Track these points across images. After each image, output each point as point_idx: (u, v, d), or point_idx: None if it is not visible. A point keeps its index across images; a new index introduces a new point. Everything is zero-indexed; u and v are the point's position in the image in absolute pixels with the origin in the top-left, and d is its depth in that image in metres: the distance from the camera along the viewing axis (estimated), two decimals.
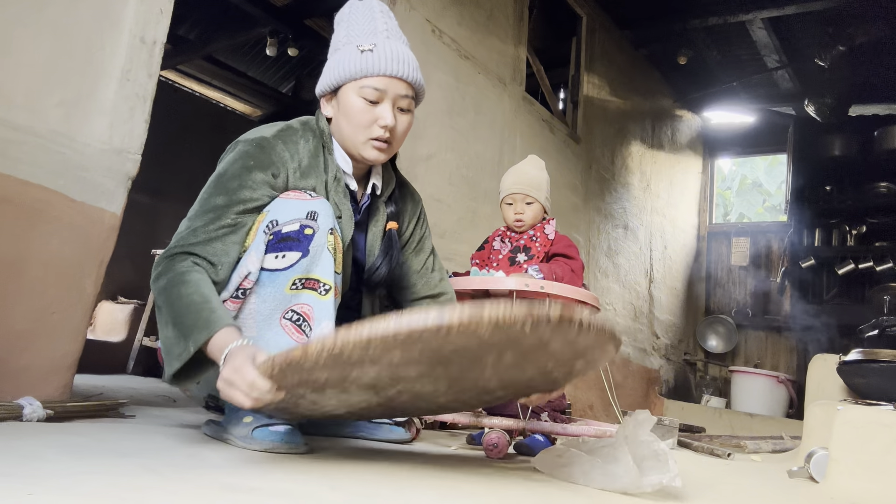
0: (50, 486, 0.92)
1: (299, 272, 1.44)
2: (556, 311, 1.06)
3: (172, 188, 4.89)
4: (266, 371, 1.16)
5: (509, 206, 2.39)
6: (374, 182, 1.69)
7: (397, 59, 1.52)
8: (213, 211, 1.44)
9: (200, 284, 1.36)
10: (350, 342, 1.04)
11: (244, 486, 1.08)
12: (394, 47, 1.53)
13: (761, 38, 5.25)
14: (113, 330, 3.84)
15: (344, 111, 1.55)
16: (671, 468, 1.33)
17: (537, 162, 2.47)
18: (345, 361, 1.11)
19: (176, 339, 1.32)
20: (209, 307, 1.32)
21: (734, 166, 12.91)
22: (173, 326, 1.33)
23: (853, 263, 5.97)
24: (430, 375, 1.24)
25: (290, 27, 5.34)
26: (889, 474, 1.81)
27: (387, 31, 1.55)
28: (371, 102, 1.52)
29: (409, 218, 1.80)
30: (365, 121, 1.53)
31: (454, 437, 2.40)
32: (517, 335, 1.10)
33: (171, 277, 1.37)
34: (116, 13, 1.84)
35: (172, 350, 1.33)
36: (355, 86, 1.52)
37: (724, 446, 2.89)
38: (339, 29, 1.60)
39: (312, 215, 1.45)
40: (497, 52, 3.80)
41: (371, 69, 1.50)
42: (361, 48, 1.51)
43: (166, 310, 1.36)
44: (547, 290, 2.02)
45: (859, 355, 2.55)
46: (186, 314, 1.31)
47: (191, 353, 1.30)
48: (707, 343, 6.63)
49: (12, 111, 1.62)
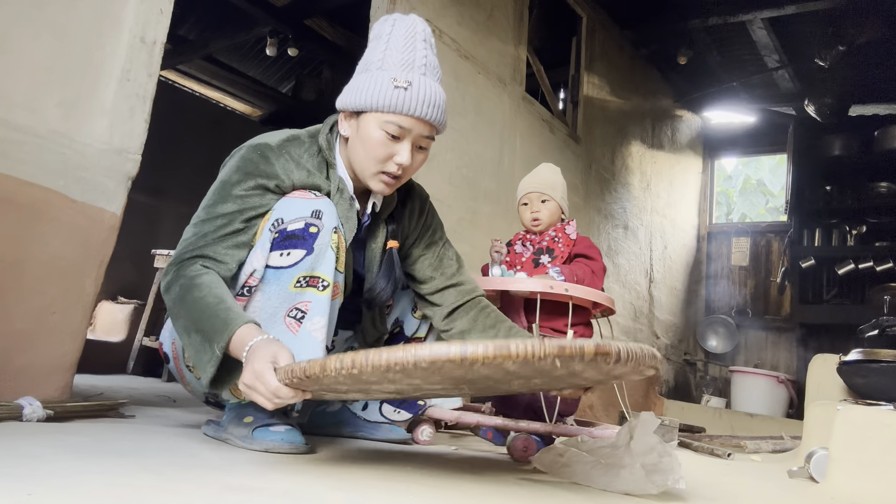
0: (50, 486, 0.92)
1: (303, 270, 1.44)
2: (591, 348, 1.02)
3: (172, 188, 4.90)
4: (285, 379, 1.18)
5: (525, 207, 2.39)
6: (375, 201, 1.66)
7: (429, 103, 1.48)
8: (221, 217, 1.45)
9: (213, 286, 1.37)
10: (369, 366, 1.03)
11: (244, 486, 1.08)
12: (428, 88, 1.48)
13: (761, 38, 5.25)
14: (113, 330, 3.84)
15: (362, 138, 1.50)
16: (675, 470, 1.33)
17: (552, 167, 2.48)
18: (364, 380, 1.12)
19: (201, 344, 1.32)
20: (224, 306, 1.33)
21: (739, 165, 12.89)
22: (196, 333, 1.33)
23: (853, 263, 5.97)
24: (454, 388, 1.28)
25: (290, 27, 5.35)
26: (889, 474, 1.81)
27: (425, 67, 1.50)
28: (392, 137, 1.48)
29: (414, 218, 1.76)
30: (382, 155, 1.49)
31: (455, 437, 2.40)
32: (547, 368, 1.06)
33: (183, 283, 1.37)
34: (116, 13, 1.84)
35: (202, 357, 1.33)
36: (380, 118, 1.47)
37: (724, 446, 2.89)
38: (377, 45, 1.52)
39: (317, 214, 1.46)
40: (497, 52, 3.80)
41: (402, 108, 1.45)
42: (396, 83, 1.45)
43: (184, 317, 1.36)
44: (571, 293, 2.03)
45: (859, 355, 2.55)
46: (204, 318, 1.32)
47: (219, 357, 1.29)
48: (707, 343, 6.63)
49: (12, 111, 1.62)
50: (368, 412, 1.87)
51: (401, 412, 1.87)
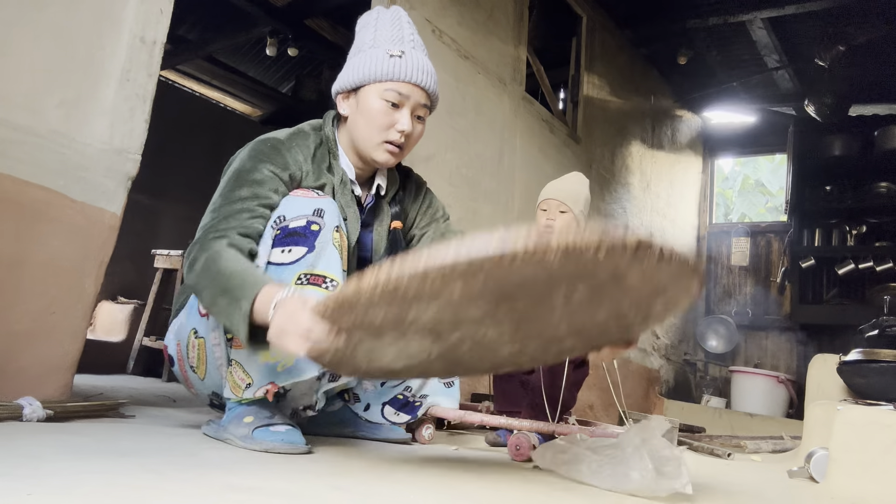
0: (50, 486, 0.92)
1: (304, 267, 1.46)
2: (634, 237, 0.96)
3: (172, 188, 4.90)
4: (320, 312, 1.12)
5: (543, 213, 2.39)
6: (379, 182, 1.73)
7: (423, 70, 1.58)
8: (239, 201, 1.48)
9: (240, 259, 1.39)
10: (406, 275, 0.97)
11: (244, 486, 1.08)
12: (420, 57, 1.59)
13: (761, 38, 5.25)
14: (113, 330, 3.83)
15: (363, 110, 1.58)
16: (684, 474, 1.33)
17: (581, 178, 2.48)
18: (401, 297, 1.03)
19: (229, 306, 1.32)
20: (252, 270, 1.36)
21: (737, 166, 12.89)
22: (222, 296, 1.34)
23: (853, 263, 5.97)
24: (494, 316, 1.14)
25: (290, 27, 5.34)
26: (889, 474, 1.81)
27: (413, 42, 1.61)
28: (392, 105, 1.56)
29: (415, 203, 1.83)
30: (384, 123, 1.57)
31: (455, 436, 2.40)
32: (590, 265, 0.99)
33: (209, 255, 1.39)
34: (116, 13, 1.84)
35: (233, 317, 1.32)
36: (379, 88, 1.56)
37: (724, 446, 2.89)
38: (366, 31, 1.63)
39: (319, 212, 1.49)
40: (497, 52, 3.80)
41: (399, 74, 1.55)
42: (391, 53, 1.56)
43: (210, 286, 1.37)
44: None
45: (859, 355, 2.55)
46: (231, 281, 1.33)
47: (247, 312, 1.29)
48: (707, 343, 6.63)
49: (12, 111, 1.62)
50: (370, 413, 1.88)
51: (401, 415, 1.88)
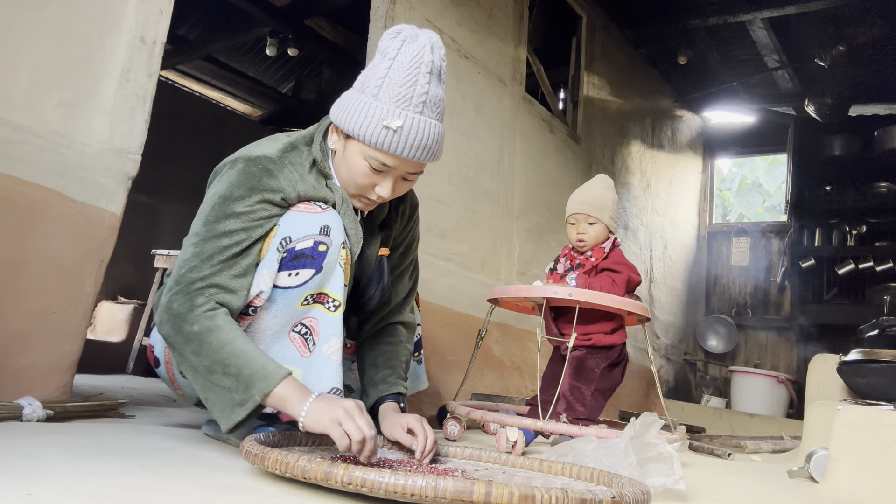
0: (49, 485, 0.92)
1: (311, 289, 1.42)
2: (609, 500, 1.00)
3: (172, 188, 4.90)
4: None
5: (572, 227, 2.42)
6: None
7: (419, 146, 1.39)
8: (225, 236, 1.36)
9: (238, 330, 1.33)
10: (381, 491, 1.01)
11: (244, 486, 1.08)
12: (421, 129, 1.38)
13: (761, 38, 5.25)
14: (113, 330, 3.84)
15: (347, 161, 1.45)
16: (676, 471, 1.33)
17: (604, 181, 2.49)
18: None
19: (234, 387, 1.27)
20: (260, 354, 1.30)
21: (734, 167, 12.89)
22: (224, 375, 1.28)
23: (853, 263, 5.97)
24: None
25: (290, 27, 5.35)
26: (889, 474, 1.81)
27: (423, 104, 1.39)
28: (375, 170, 1.42)
29: (403, 223, 1.72)
30: (363, 183, 1.45)
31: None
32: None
33: (204, 324, 1.30)
34: (116, 13, 1.84)
35: (232, 398, 1.27)
36: (366, 150, 1.40)
37: (724, 446, 2.89)
38: (380, 66, 1.41)
39: (325, 230, 1.42)
40: (497, 52, 3.79)
41: (389, 148, 1.38)
42: (386, 124, 1.36)
43: (207, 356, 1.29)
44: (575, 297, 2.09)
45: (859, 355, 2.55)
46: (235, 362, 1.27)
47: (257, 402, 1.26)
48: (707, 343, 6.63)
49: (12, 111, 1.62)
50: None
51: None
